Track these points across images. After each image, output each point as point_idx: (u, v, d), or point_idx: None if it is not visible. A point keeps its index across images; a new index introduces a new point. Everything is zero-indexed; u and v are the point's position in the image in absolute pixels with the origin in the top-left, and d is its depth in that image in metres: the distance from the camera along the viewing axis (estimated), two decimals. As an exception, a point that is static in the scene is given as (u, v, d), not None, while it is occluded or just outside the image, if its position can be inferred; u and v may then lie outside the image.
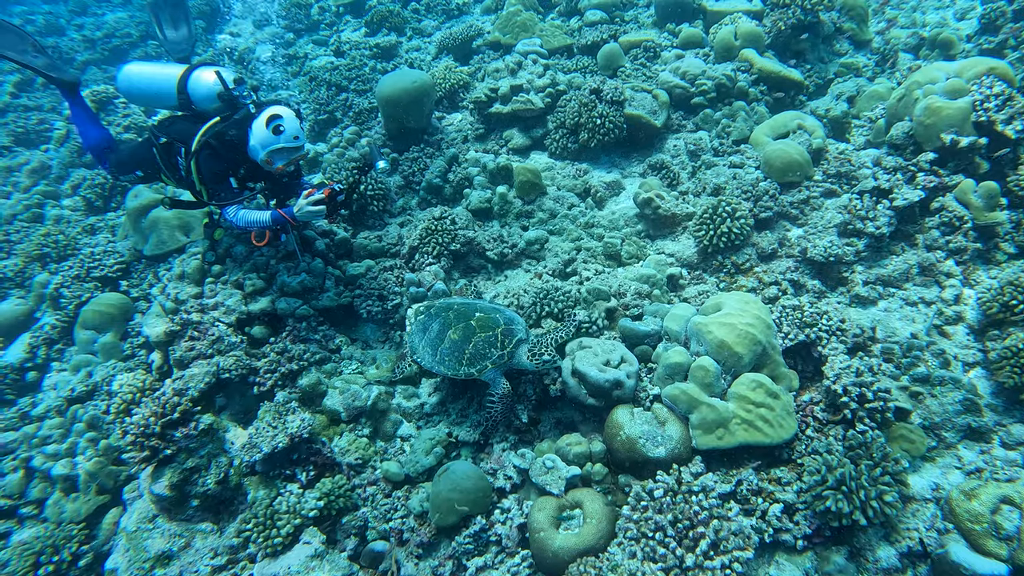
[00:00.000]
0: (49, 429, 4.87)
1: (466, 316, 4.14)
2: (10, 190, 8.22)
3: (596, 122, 5.78)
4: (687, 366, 3.97)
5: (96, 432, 4.79)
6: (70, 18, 13.49)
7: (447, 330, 4.09)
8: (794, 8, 6.43)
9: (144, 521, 3.99)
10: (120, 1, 14.30)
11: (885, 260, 4.70)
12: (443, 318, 4.19)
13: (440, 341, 4.07)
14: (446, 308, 4.29)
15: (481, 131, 6.60)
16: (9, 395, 5.74)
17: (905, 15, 7.48)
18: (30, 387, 5.81)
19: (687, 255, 5.03)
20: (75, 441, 4.76)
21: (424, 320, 4.33)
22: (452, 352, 4.00)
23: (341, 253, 5.52)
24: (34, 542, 4.37)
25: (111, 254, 6.08)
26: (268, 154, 4.31)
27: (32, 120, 9.12)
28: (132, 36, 11.38)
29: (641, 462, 3.74)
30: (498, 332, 4.03)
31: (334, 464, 4.20)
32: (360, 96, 7.59)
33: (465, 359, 3.97)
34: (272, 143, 4.26)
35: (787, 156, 5.19)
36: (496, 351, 3.96)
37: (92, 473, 4.51)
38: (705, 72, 6.11)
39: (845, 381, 3.76)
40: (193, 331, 4.44)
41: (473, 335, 4.00)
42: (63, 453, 4.71)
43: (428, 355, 4.10)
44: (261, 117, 4.25)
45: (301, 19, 10.63)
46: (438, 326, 4.15)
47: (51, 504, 4.65)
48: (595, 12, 7.83)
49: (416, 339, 4.25)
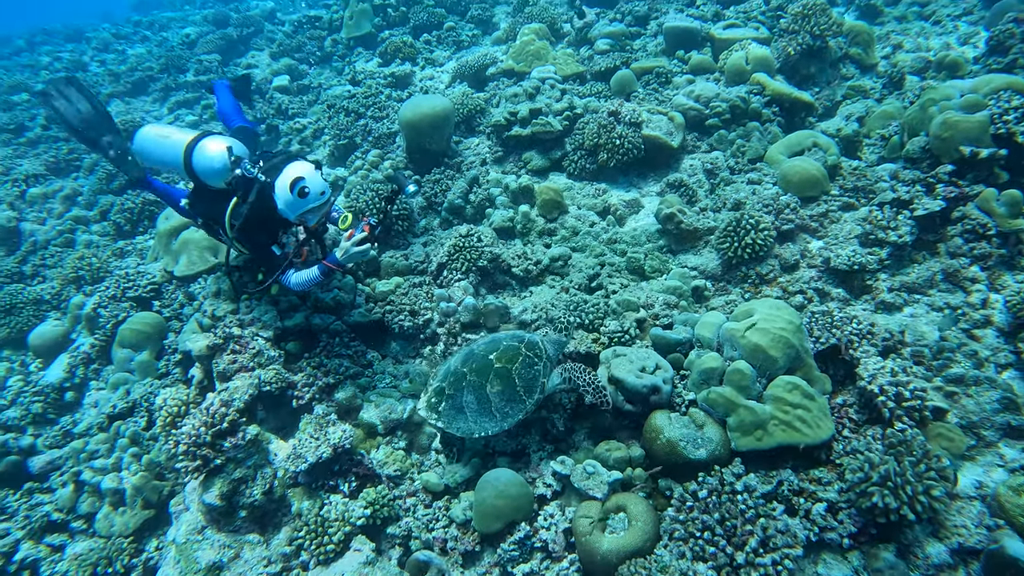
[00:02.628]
0: (96, 444, 4.93)
1: (485, 365, 4.05)
2: (45, 216, 8.38)
3: (615, 142, 5.96)
4: (721, 371, 4.05)
5: (138, 448, 4.84)
6: (93, 55, 13.90)
7: (484, 387, 3.97)
8: (803, 34, 6.69)
9: (193, 532, 4.01)
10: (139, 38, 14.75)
11: (908, 268, 4.82)
12: (469, 384, 4.02)
13: (488, 402, 3.94)
14: (459, 378, 4.09)
15: (500, 154, 6.78)
16: (51, 414, 5.80)
17: (910, 40, 7.77)
18: (69, 407, 5.88)
19: (711, 267, 5.16)
20: (120, 456, 4.81)
21: (451, 403, 4.05)
22: (507, 399, 3.93)
23: (369, 271, 5.64)
24: (89, 554, 4.47)
25: (144, 275, 6.19)
26: (299, 216, 4.19)
27: (63, 150, 9.35)
28: (153, 69, 11.71)
29: (682, 464, 3.79)
30: (522, 350, 4.07)
31: (375, 475, 4.24)
32: (378, 122, 7.81)
33: (523, 392, 3.93)
34: (302, 206, 4.10)
35: (804, 171, 5.36)
36: (540, 363, 4.03)
37: (138, 487, 4.54)
38: (719, 95, 6.34)
39: (881, 381, 3.83)
40: (235, 344, 4.53)
41: (510, 372, 3.97)
42: (110, 467, 4.77)
43: (489, 421, 3.91)
44: (283, 181, 4.05)
45: (314, 51, 10.96)
46: (473, 395, 3.98)
47: (101, 518, 4.72)
48: (605, 41, 8.12)
49: (466, 424, 3.96)
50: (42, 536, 4.96)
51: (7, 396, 6.06)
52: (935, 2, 8.80)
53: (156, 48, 13.50)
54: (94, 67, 13.40)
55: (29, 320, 6.76)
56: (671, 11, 8.64)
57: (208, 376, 4.69)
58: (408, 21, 10.79)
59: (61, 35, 17.36)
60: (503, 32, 9.66)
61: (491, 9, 10.89)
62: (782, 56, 6.88)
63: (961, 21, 8.27)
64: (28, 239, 8.09)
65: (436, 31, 10.41)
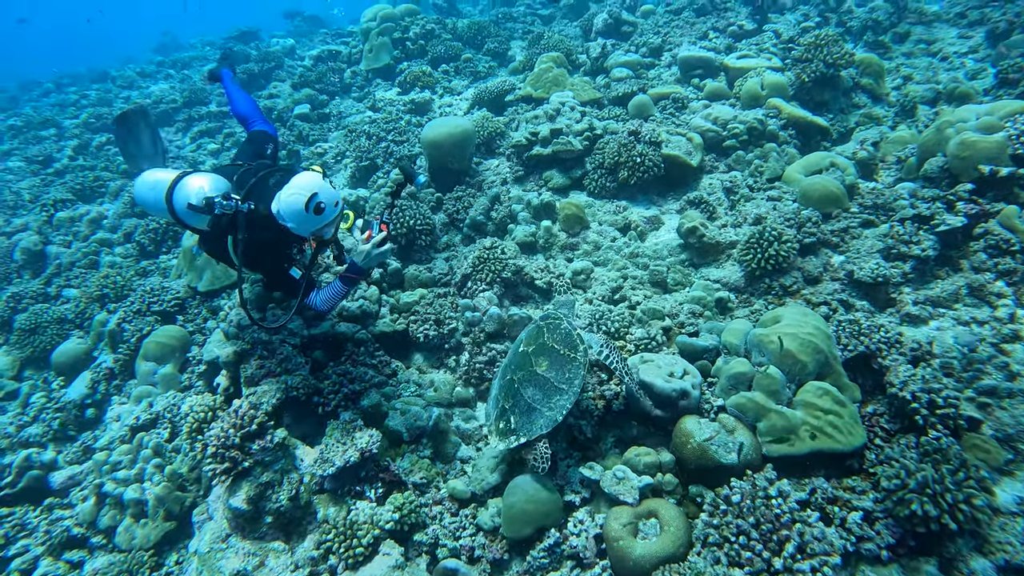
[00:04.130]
0: (119, 455, 4.90)
1: (521, 359, 4.01)
2: (71, 239, 8.52)
3: (636, 160, 6.07)
4: (750, 376, 4.05)
5: (161, 459, 4.81)
6: (118, 92, 14.31)
7: (535, 372, 3.89)
8: (816, 62, 6.87)
9: (217, 541, 3.95)
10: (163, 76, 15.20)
11: (931, 283, 4.84)
12: (522, 383, 3.90)
13: (547, 382, 3.86)
14: (510, 388, 3.96)
15: (520, 173, 6.90)
16: (71, 431, 5.79)
17: (920, 72, 7.95)
18: (89, 423, 5.87)
19: (733, 279, 5.19)
20: (143, 467, 4.77)
21: (518, 412, 3.88)
22: (560, 366, 3.87)
23: (393, 283, 5.69)
24: (109, 568, 4.38)
25: (168, 290, 6.25)
26: (315, 233, 3.82)
27: (89, 177, 9.58)
28: (177, 102, 12.03)
29: (713, 469, 3.75)
30: (541, 324, 4.13)
31: (401, 482, 4.20)
32: (399, 145, 7.96)
33: (568, 350, 3.91)
34: (318, 223, 3.73)
35: (824, 188, 5.44)
36: (562, 320, 4.11)
37: (160, 498, 4.50)
38: (736, 117, 6.48)
39: (913, 387, 3.82)
40: (263, 350, 4.55)
41: (545, 344, 3.98)
42: (133, 479, 4.72)
43: (561, 396, 3.81)
44: (290, 199, 3.63)
45: (335, 83, 11.25)
46: (531, 388, 3.87)
47: (122, 531, 4.64)
48: (621, 70, 8.34)
49: (545, 415, 3.79)
50: (61, 552, 4.89)
51: (29, 413, 6.07)
52: (941, 40, 9.06)
53: (179, 84, 13.89)
54: (119, 103, 13.77)
55: (52, 339, 6.80)
56: (684, 43, 8.89)
57: (235, 383, 4.70)
58: (426, 54, 11.11)
59: (87, 78, 17.88)
60: (519, 63, 9.93)
61: (507, 43, 11.22)
62: (796, 83, 7.05)
63: (968, 58, 8.47)
64: (53, 262, 8.19)
65: (454, 63, 10.71)
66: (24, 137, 12.84)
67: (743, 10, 9.71)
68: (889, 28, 9.13)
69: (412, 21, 11.55)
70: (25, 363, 6.82)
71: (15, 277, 8.17)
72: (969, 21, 9.26)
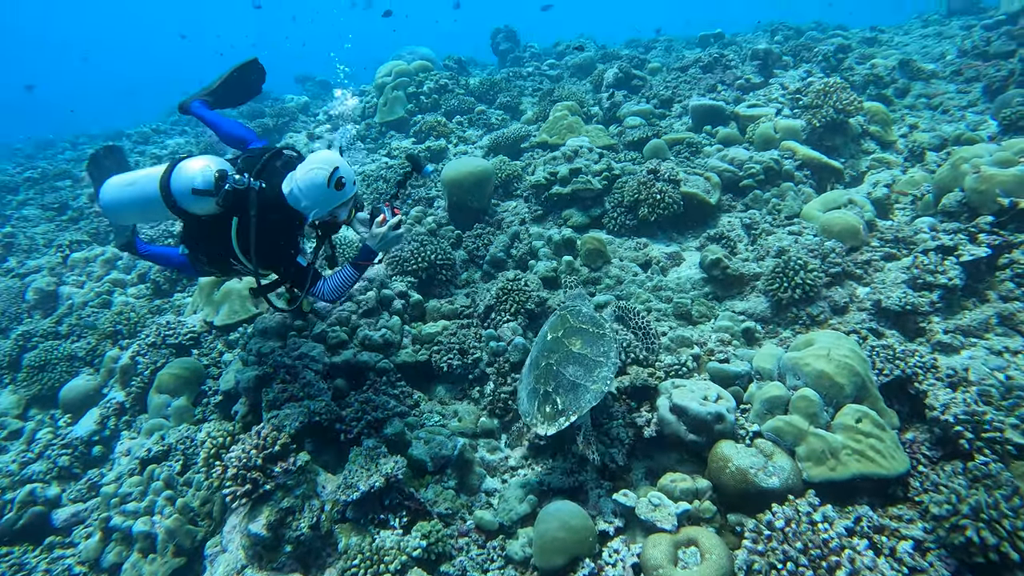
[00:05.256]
0: (129, 486, 4.71)
1: (552, 344, 3.99)
2: (84, 279, 8.53)
3: (656, 197, 6.15)
4: (786, 399, 3.96)
5: (172, 491, 4.64)
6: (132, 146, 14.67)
7: (571, 352, 3.87)
8: (827, 108, 7.07)
9: (232, 574, 3.76)
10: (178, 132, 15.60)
11: (960, 314, 4.81)
12: (559, 363, 3.85)
13: (585, 357, 3.86)
14: (548, 372, 3.86)
15: (539, 212, 6.98)
16: (76, 469, 5.62)
17: (925, 121, 8.18)
18: (96, 461, 5.70)
19: (759, 310, 5.16)
20: (153, 500, 4.59)
21: (563, 392, 3.79)
22: (593, 343, 3.93)
23: (415, 316, 5.65)
24: None
25: (183, 324, 6.20)
26: (332, 212, 3.69)
27: (105, 223, 9.68)
28: (194, 152, 12.27)
29: (754, 494, 3.62)
30: (561, 313, 4.23)
31: (426, 512, 4.04)
32: (415, 188, 8.08)
33: (596, 328, 4.03)
34: (338, 199, 3.61)
35: (845, 222, 5.48)
36: (580, 302, 4.44)
37: (171, 531, 4.30)
38: (752, 158, 6.61)
39: (955, 411, 3.72)
40: (286, 374, 4.46)
41: (573, 327, 4.05)
42: (143, 511, 4.53)
43: (602, 368, 3.82)
44: (308, 176, 3.52)
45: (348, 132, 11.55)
46: (570, 366, 3.83)
47: (128, 568, 4.39)
48: (634, 119, 8.57)
49: (590, 389, 3.73)
50: (62, 596, 4.67)
51: (34, 449, 5.91)
52: (941, 95, 9.37)
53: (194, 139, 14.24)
54: (134, 156, 14.09)
55: (62, 376, 6.71)
56: (694, 95, 9.17)
57: (254, 411, 4.58)
58: (439, 107, 11.46)
59: (102, 136, 18.37)
60: (533, 115, 10.22)
61: (518, 98, 11.58)
62: (808, 129, 7.22)
63: (968, 112, 8.74)
64: (65, 302, 8.18)
65: (467, 115, 11.02)
66: (40, 187, 13.07)
67: (749, 66, 10.08)
68: (890, 84, 9.45)
69: (426, 77, 11.97)
70: (32, 401, 6.69)
71: (25, 317, 8.13)
72: (965, 78, 9.62)
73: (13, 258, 9.58)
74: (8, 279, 8.86)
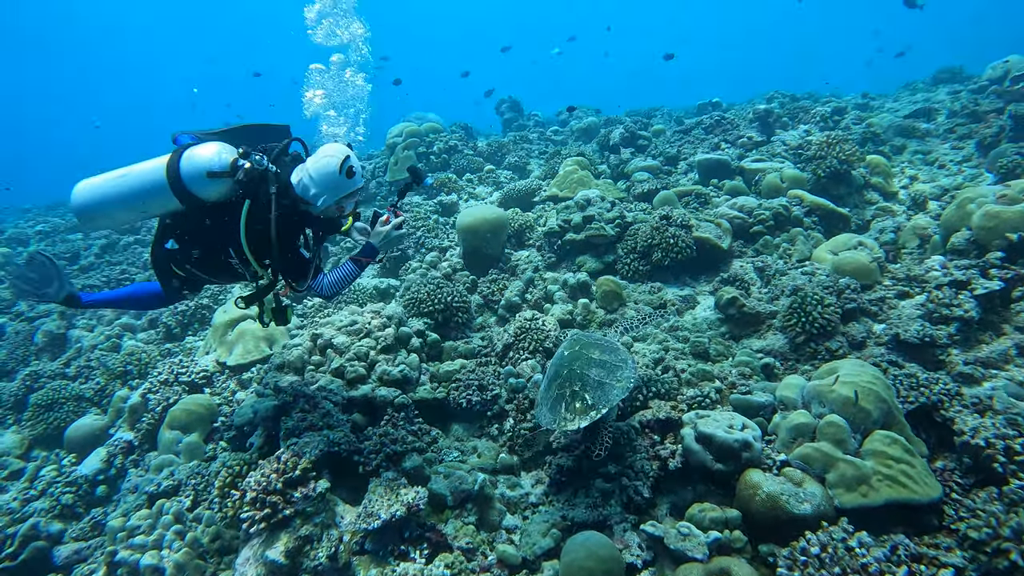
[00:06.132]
0: (138, 519, 4.57)
1: (573, 356, 4.09)
2: (95, 323, 8.57)
3: (669, 241, 6.27)
4: (812, 427, 3.92)
5: (182, 526, 4.51)
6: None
7: (592, 359, 4.03)
8: (830, 159, 7.31)
9: (246, 605, 3.62)
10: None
11: (976, 348, 4.82)
12: (584, 366, 3.98)
13: (607, 363, 4.03)
14: (572, 375, 3.95)
15: (552, 260, 7.09)
16: (79, 508, 5.47)
17: (924, 172, 8.43)
18: (99, 501, 5.56)
19: (777, 347, 5.17)
20: (162, 534, 4.45)
21: (590, 390, 3.90)
22: (610, 352, 4.13)
23: (432, 355, 5.65)
24: None
25: (196, 363, 6.19)
26: (339, 201, 3.69)
27: (116, 271, 9.82)
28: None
29: (786, 521, 3.53)
30: (573, 336, 4.36)
31: (448, 545, 3.93)
32: (428, 239, 8.23)
33: (608, 343, 4.23)
34: (348, 187, 3.63)
35: (857, 261, 5.58)
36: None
37: (180, 565, 4.16)
38: (761, 205, 6.77)
39: (986, 434, 3.69)
40: (305, 403, 4.44)
41: (587, 343, 4.20)
42: (151, 545, 4.38)
43: (624, 369, 4.01)
44: (320, 164, 3.55)
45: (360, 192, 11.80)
46: (594, 369, 3.99)
47: (135, 603, 4.23)
48: (641, 174, 8.83)
49: (616, 386, 3.88)
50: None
51: (38, 486, 5.78)
52: (936, 151, 9.69)
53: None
54: (147, 220, 14.39)
55: (68, 416, 6.64)
56: (699, 152, 9.49)
57: (270, 442, 4.53)
58: (449, 167, 11.79)
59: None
60: (540, 174, 10.51)
61: (527, 159, 11.95)
62: (812, 179, 7.44)
63: (964, 166, 9.02)
64: (74, 345, 8.19)
65: (477, 173, 11.34)
66: (51, 239, 13.29)
67: (750, 129, 10.46)
68: (887, 141, 9.79)
69: (436, 137, 12.37)
70: (35, 442, 6.58)
71: (33, 360, 8.10)
72: (959, 135, 9.97)
73: (23, 302, 9.63)
74: (18, 323, 8.89)
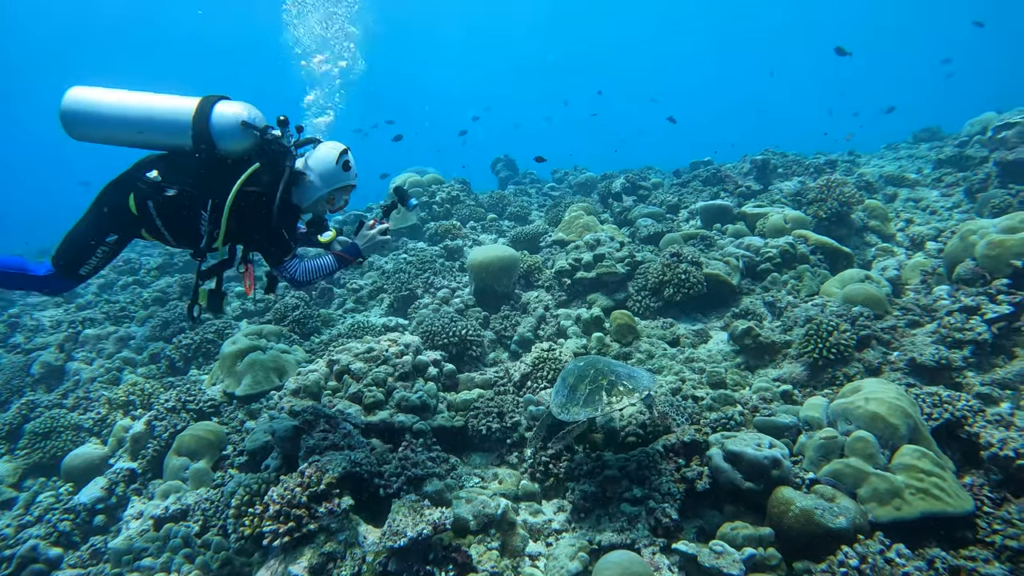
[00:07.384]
0: (145, 542, 4.40)
1: (587, 366, 4.16)
2: (94, 356, 8.46)
3: (681, 277, 6.38)
4: (840, 444, 3.92)
5: (191, 550, 4.35)
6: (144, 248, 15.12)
7: (606, 368, 4.08)
8: (831, 201, 7.55)
9: (267, 628, 3.48)
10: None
11: (991, 371, 4.88)
12: (605, 366, 4.09)
13: (623, 366, 4.19)
14: (598, 373, 4.02)
15: (563, 298, 7.16)
16: (76, 537, 5.25)
17: (919, 217, 8.69)
18: (97, 531, 5.34)
19: (795, 374, 5.19)
20: (171, 557, 4.29)
21: (620, 377, 3.97)
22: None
23: (448, 386, 5.63)
24: None
25: (204, 392, 6.12)
26: (332, 192, 3.84)
27: (116, 307, 9.77)
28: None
29: (821, 535, 3.48)
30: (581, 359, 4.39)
31: (475, 568, 3.82)
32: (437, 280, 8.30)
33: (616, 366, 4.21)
34: (343, 179, 3.82)
35: (866, 292, 5.69)
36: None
37: (193, 589, 4.01)
38: (767, 243, 6.93)
39: (1015, 445, 3.70)
40: (326, 423, 4.38)
41: (595, 365, 4.15)
42: (159, 568, 4.21)
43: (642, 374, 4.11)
44: (320, 154, 3.77)
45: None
46: (617, 367, 4.13)
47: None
48: (645, 220, 9.04)
49: (642, 376, 4.04)
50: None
51: (34, 512, 5.56)
52: (926, 197, 10.02)
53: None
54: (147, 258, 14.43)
55: (66, 445, 6.42)
56: (699, 200, 9.76)
57: (288, 462, 4.44)
58: (452, 216, 12.00)
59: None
60: (542, 222, 10.72)
61: (528, 209, 12.21)
62: (813, 221, 7.66)
63: (956, 212, 9.32)
64: (72, 377, 8.06)
65: (480, 222, 11.54)
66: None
67: (747, 180, 10.80)
68: (880, 189, 10.13)
69: (439, 188, 12.64)
70: (29, 471, 6.33)
71: (28, 391, 7.92)
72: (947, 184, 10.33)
73: (20, 334, 9.50)
74: (13, 355, 8.75)
